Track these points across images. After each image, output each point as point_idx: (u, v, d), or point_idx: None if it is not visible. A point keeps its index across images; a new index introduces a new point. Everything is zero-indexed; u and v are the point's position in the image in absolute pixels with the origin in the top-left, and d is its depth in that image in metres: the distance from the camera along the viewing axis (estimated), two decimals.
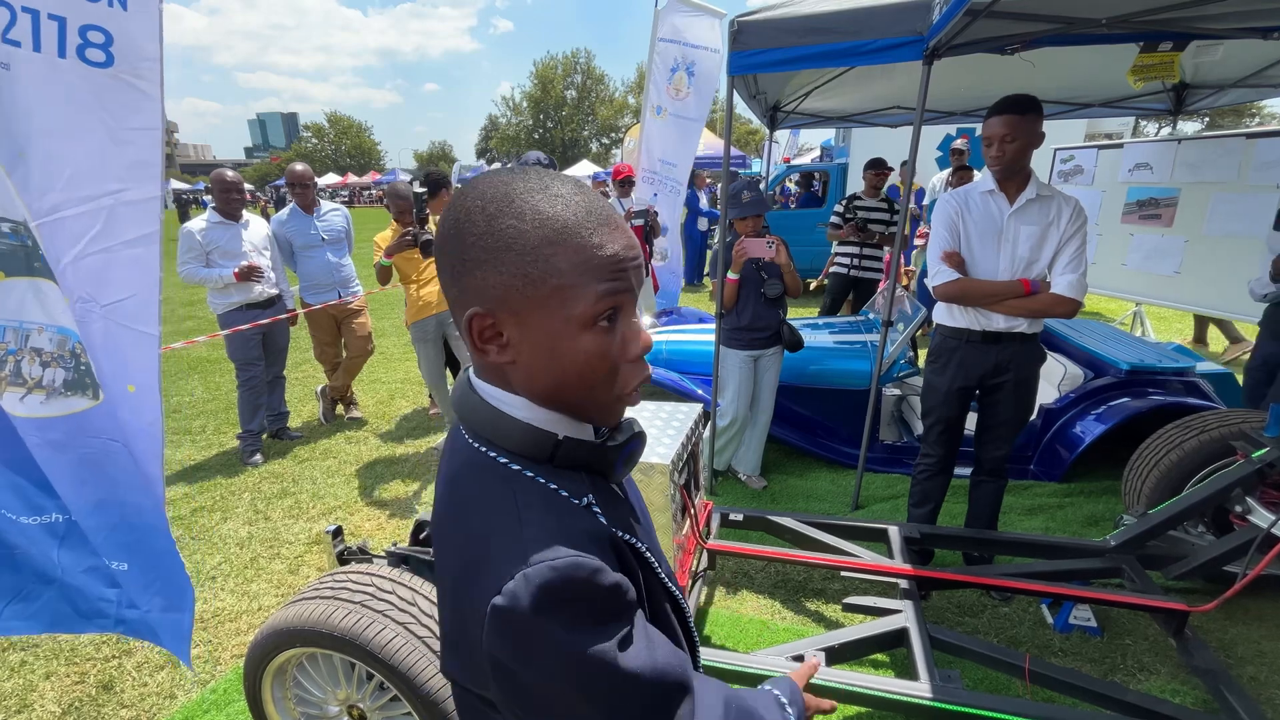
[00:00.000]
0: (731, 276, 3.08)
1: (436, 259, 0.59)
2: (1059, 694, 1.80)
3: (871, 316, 4.29)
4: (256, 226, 3.80)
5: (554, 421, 0.60)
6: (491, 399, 0.60)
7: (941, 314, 2.45)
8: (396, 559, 1.80)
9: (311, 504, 3.38)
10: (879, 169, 5.17)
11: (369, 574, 1.62)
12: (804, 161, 14.80)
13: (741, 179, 4.27)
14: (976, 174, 5.41)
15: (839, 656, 1.85)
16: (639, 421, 0.68)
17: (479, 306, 0.55)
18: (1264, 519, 1.97)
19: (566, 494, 0.58)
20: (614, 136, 51.84)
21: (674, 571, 0.81)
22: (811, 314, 5.21)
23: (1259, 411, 2.43)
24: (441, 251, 0.57)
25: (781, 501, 3.32)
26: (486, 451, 0.59)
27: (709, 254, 9.81)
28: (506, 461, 0.58)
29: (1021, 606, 2.46)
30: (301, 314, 4.17)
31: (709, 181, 14.91)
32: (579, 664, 0.51)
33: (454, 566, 0.58)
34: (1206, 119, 18.42)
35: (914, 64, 2.44)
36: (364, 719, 1.63)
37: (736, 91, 3.44)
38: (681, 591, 0.75)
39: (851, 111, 4.74)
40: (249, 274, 3.63)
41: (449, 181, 3.83)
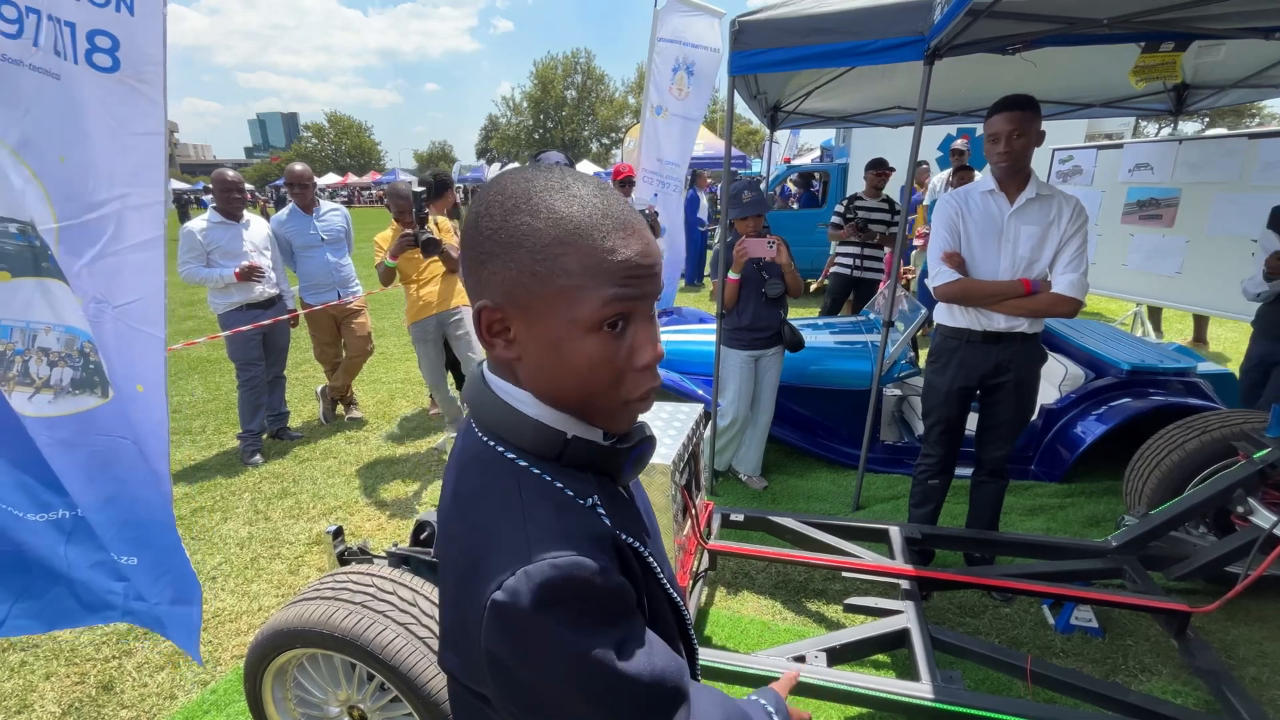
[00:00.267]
0: (732, 276, 3.08)
1: (461, 249, 0.59)
2: (1061, 695, 1.80)
3: (872, 317, 4.29)
4: (257, 226, 3.80)
5: (563, 420, 0.59)
6: (503, 393, 0.60)
7: (942, 314, 2.44)
8: (397, 559, 1.80)
9: (312, 504, 3.37)
10: (880, 169, 5.17)
11: (370, 574, 1.61)
12: (804, 162, 14.80)
13: (742, 179, 4.27)
14: (977, 174, 5.41)
15: (840, 657, 1.85)
16: (649, 425, 0.68)
17: (489, 300, 0.55)
18: (1266, 520, 1.96)
19: (572, 494, 0.58)
20: (614, 136, 51.85)
21: (675, 573, 0.81)
22: (812, 314, 5.20)
23: (1260, 412, 2.42)
24: (463, 244, 0.58)
25: (782, 502, 3.32)
26: (495, 446, 0.59)
27: (709, 254, 9.82)
28: (514, 457, 0.58)
29: (1023, 607, 2.46)
30: (301, 314, 4.17)
31: (710, 182, 14.92)
32: (577, 664, 0.51)
33: (456, 559, 0.58)
34: (1206, 119, 18.43)
35: (915, 64, 2.44)
36: (364, 719, 1.62)
37: (737, 91, 3.43)
38: (683, 597, 0.74)
39: (852, 112, 4.74)
40: (249, 274, 3.63)
41: (451, 182, 3.83)
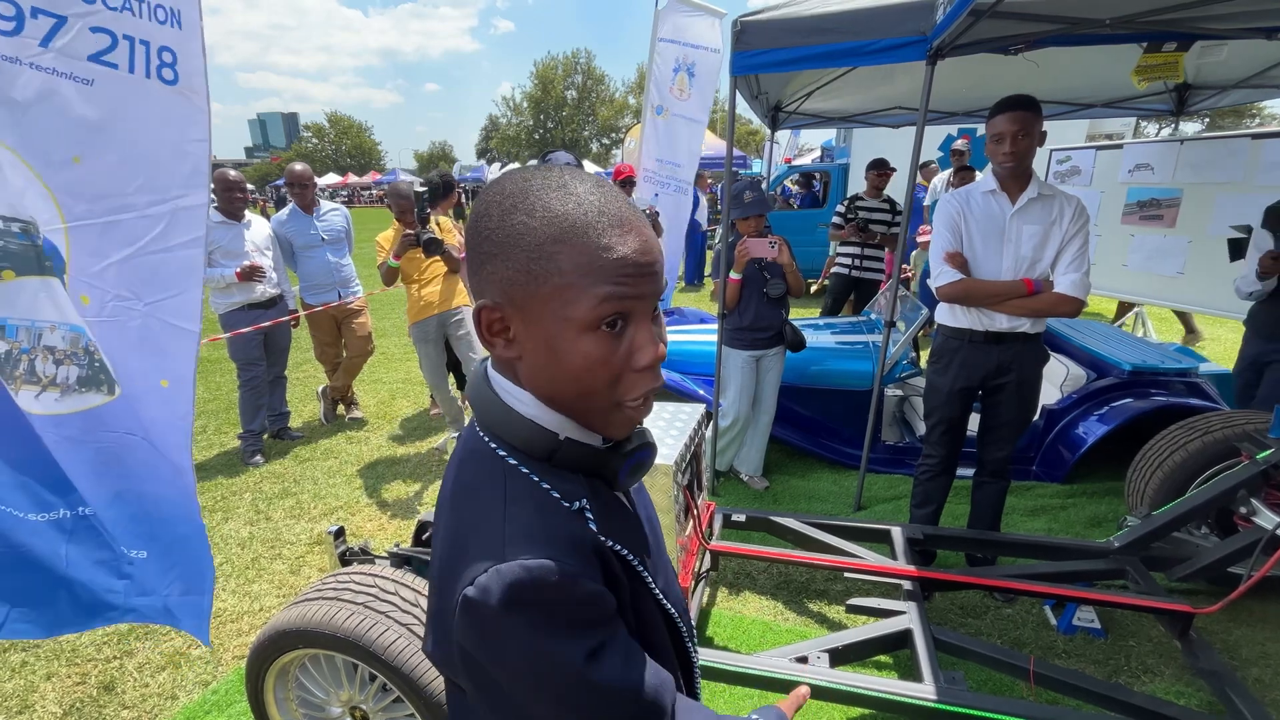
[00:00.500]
0: (734, 276, 3.07)
1: (465, 249, 0.59)
2: (1063, 696, 1.80)
3: (873, 317, 4.29)
4: (258, 226, 3.80)
5: (560, 421, 0.59)
6: (501, 392, 0.60)
7: (944, 314, 2.44)
8: (399, 560, 1.80)
9: (313, 504, 3.37)
10: (881, 170, 5.17)
11: (372, 575, 1.61)
12: (804, 162, 14.80)
13: (743, 179, 4.26)
14: (978, 174, 5.41)
15: (843, 658, 1.85)
16: (650, 431, 0.66)
17: (489, 299, 0.56)
18: (1269, 520, 1.96)
19: (559, 495, 0.57)
20: (614, 137, 51.87)
21: (679, 578, 0.79)
22: (813, 315, 5.20)
23: (1263, 412, 2.42)
24: (467, 245, 0.58)
25: (783, 502, 3.32)
26: (490, 443, 0.60)
27: (709, 254, 9.82)
28: (506, 455, 0.58)
29: (1025, 608, 2.45)
30: (302, 315, 4.17)
31: (710, 182, 14.91)
32: (542, 667, 0.51)
33: (442, 550, 0.59)
34: (1207, 119, 18.43)
35: (916, 64, 2.44)
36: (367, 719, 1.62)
37: (738, 92, 3.43)
38: (683, 608, 0.71)
39: (853, 112, 4.73)
40: (251, 274, 3.63)
41: (456, 183, 3.83)
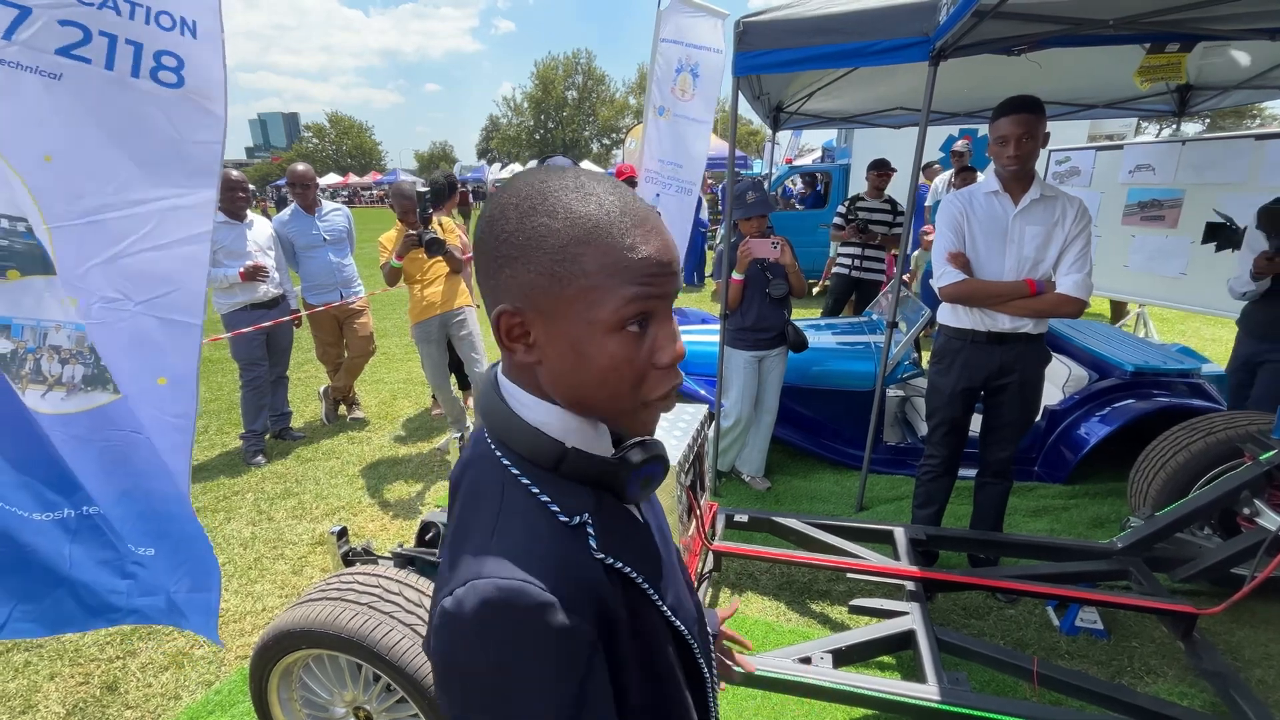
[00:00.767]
0: (736, 277, 3.08)
1: (474, 255, 0.58)
2: (1067, 696, 1.80)
3: (875, 317, 4.29)
4: (261, 226, 3.80)
5: (570, 430, 0.57)
6: (509, 397, 0.59)
7: (946, 315, 2.44)
8: (403, 560, 1.80)
9: (315, 504, 3.37)
10: (881, 170, 5.16)
11: (375, 575, 1.61)
12: (805, 162, 14.80)
13: (746, 180, 4.26)
14: (980, 175, 5.40)
15: (846, 658, 1.85)
16: (663, 444, 0.63)
17: (508, 304, 0.54)
18: (1272, 521, 1.96)
19: (558, 509, 0.55)
20: (615, 137, 51.91)
21: (690, 600, 0.72)
22: (814, 315, 5.20)
23: (1266, 413, 2.42)
24: (478, 248, 0.56)
25: (785, 503, 3.32)
26: (494, 449, 0.58)
27: (710, 254, 9.82)
28: (509, 464, 0.57)
29: (1027, 608, 2.45)
30: (304, 315, 4.17)
31: (710, 183, 14.90)
32: (494, 691, 0.49)
33: (444, 555, 0.58)
34: (1207, 120, 18.42)
35: (917, 65, 2.44)
36: None
37: (740, 92, 3.44)
38: (692, 621, 0.68)
39: (854, 112, 4.73)
40: (254, 274, 3.63)
41: (457, 183, 3.83)
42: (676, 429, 2.08)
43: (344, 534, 1.95)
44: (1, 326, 1.49)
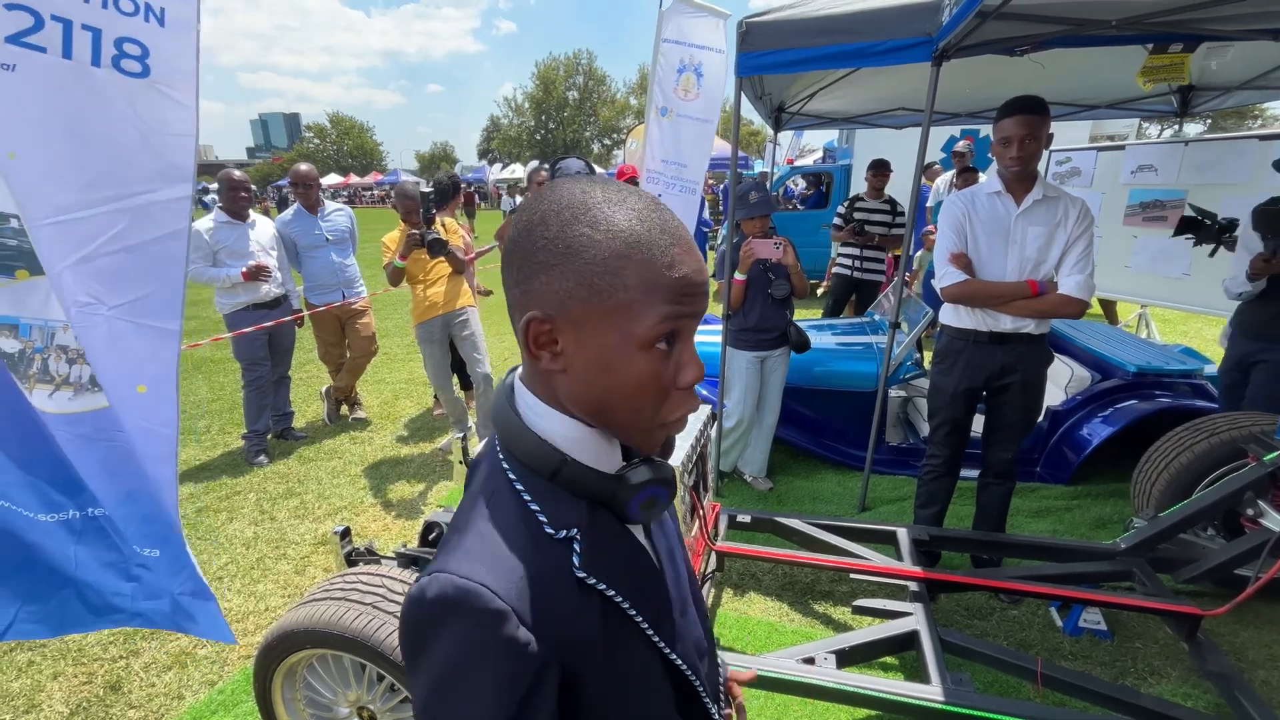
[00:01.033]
0: (739, 277, 3.08)
1: (504, 259, 0.57)
2: (1070, 697, 1.80)
3: (877, 318, 4.29)
4: (263, 226, 3.80)
5: (577, 441, 0.57)
6: (520, 403, 0.59)
7: (948, 315, 2.44)
8: (406, 560, 1.80)
9: (317, 504, 3.37)
10: (879, 170, 5.16)
11: (380, 575, 1.61)
12: (806, 163, 14.81)
13: (748, 180, 4.26)
14: (982, 176, 5.40)
15: (849, 659, 1.85)
16: (671, 467, 0.61)
17: (538, 311, 0.53)
18: (1276, 522, 1.96)
19: (546, 519, 0.55)
20: (616, 137, 51.92)
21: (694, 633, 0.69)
22: (814, 316, 5.20)
23: (1269, 414, 2.42)
24: (509, 252, 0.56)
25: (787, 503, 3.32)
26: (498, 452, 0.59)
27: (712, 255, 9.81)
28: (508, 469, 0.57)
29: (1030, 609, 2.45)
30: (306, 315, 4.18)
31: (711, 183, 14.90)
32: (434, 685, 0.50)
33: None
34: (1209, 121, 18.40)
35: (919, 65, 2.44)
36: None
37: (742, 92, 3.44)
38: (694, 661, 0.65)
39: (856, 113, 4.73)
40: (256, 273, 3.63)
41: (460, 184, 3.83)
42: None
43: (347, 534, 1.95)
44: (9, 326, 1.48)
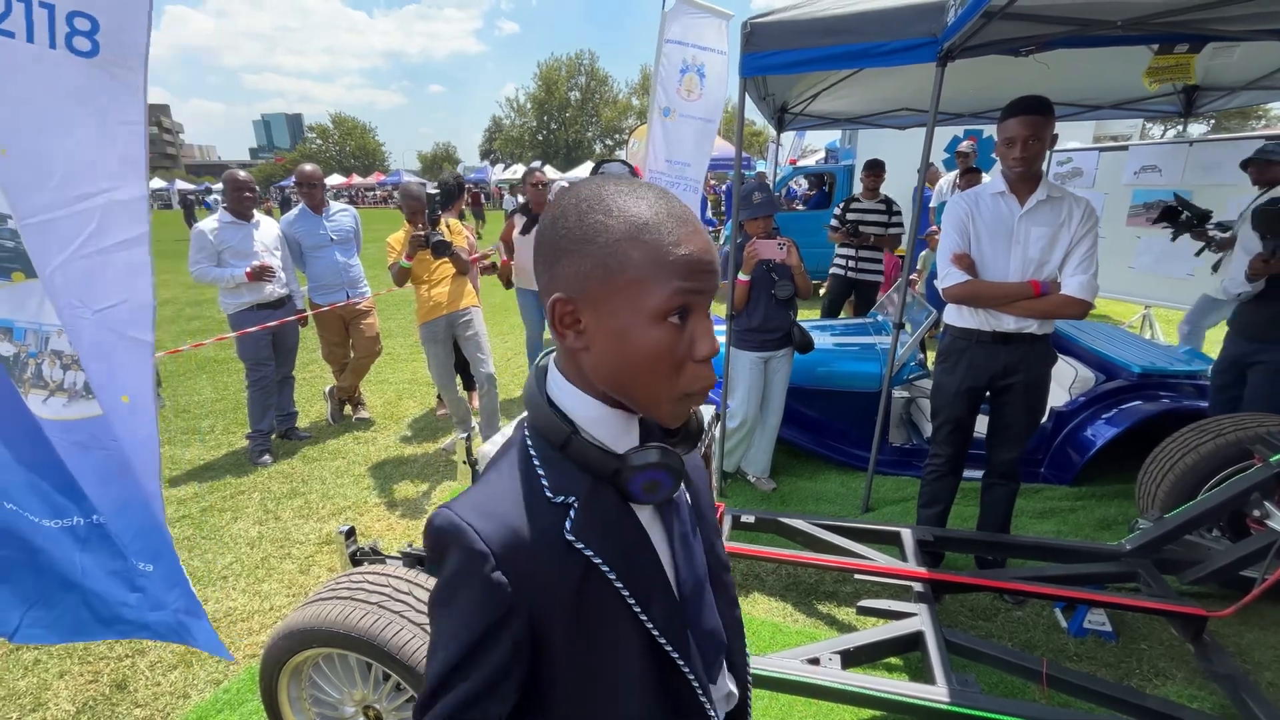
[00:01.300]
0: (743, 278, 3.07)
1: (535, 249, 0.63)
2: (1076, 698, 1.79)
3: (880, 319, 4.28)
4: (267, 226, 3.81)
5: (593, 419, 0.62)
6: (551, 384, 0.65)
7: (951, 314, 2.44)
8: (412, 560, 1.80)
9: (321, 504, 3.38)
10: (874, 170, 5.15)
11: (386, 575, 1.62)
12: (809, 163, 14.80)
13: (751, 180, 4.26)
14: (985, 176, 5.39)
15: (854, 660, 1.85)
16: (679, 455, 0.63)
17: (562, 293, 0.59)
18: None
19: (548, 483, 0.60)
20: (618, 138, 51.87)
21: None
22: (813, 316, 5.19)
23: (1275, 416, 2.41)
24: (539, 243, 0.62)
25: (791, 503, 3.31)
26: (524, 424, 0.66)
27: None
28: (526, 436, 0.64)
29: (1035, 610, 2.45)
30: (310, 315, 4.18)
31: (713, 183, 14.89)
32: (436, 593, 0.60)
33: None
34: (1213, 121, 18.36)
35: (922, 66, 2.44)
36: (380, 719, 1.62)
37: (746, 93, 3.43)
38: (683, 645, 0.66)
39: (859, 113, 4.73)
40: (261, 274, 3.64)
41: (464, 184, 3.84)
42: None
43: (352, 533, 1.95)
44: (4, 329, 1.43)
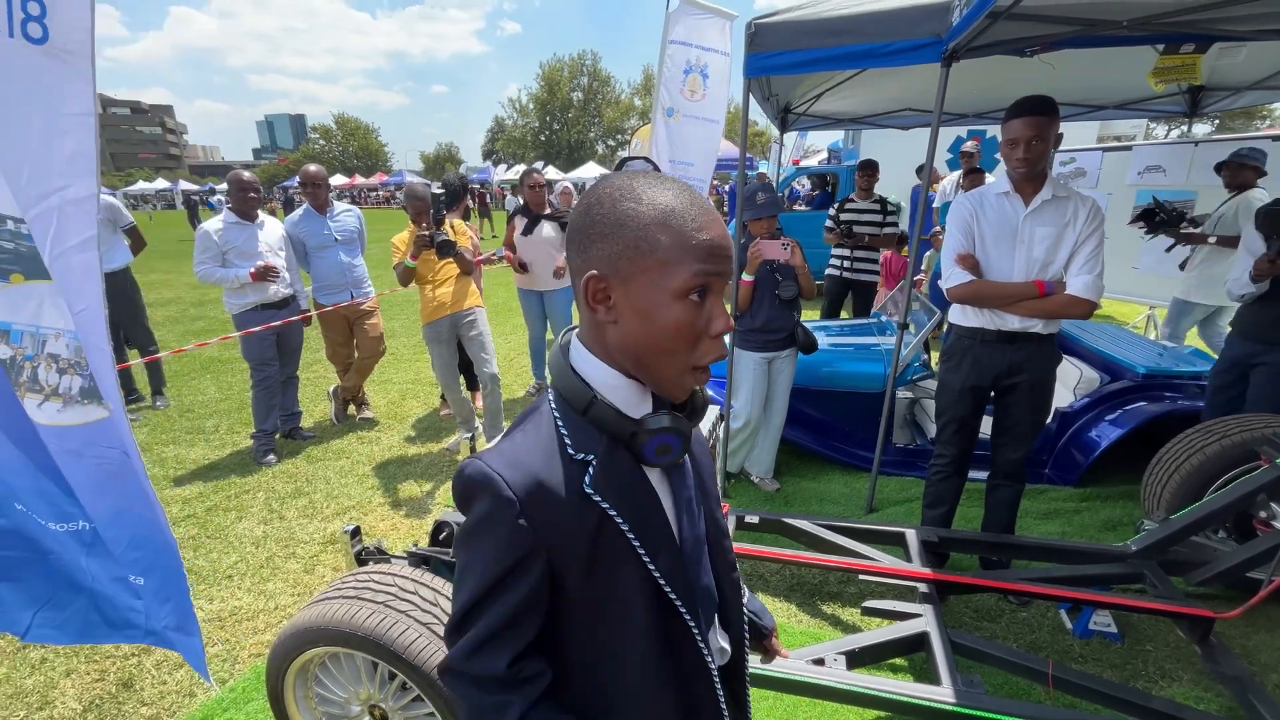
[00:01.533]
0: (746, 278, 3.07)
1: (569, 235, 0.69)
2: (1081, 700, 1.79)
3: (884, 319, 4.28)
4: (272, 227, 3.82)
5: (611, 387, 0.69)
6: (573, 352, 0.72)
7: (956, 313, 2.44)
8: (417, 559, 1.80)
9: (325, 504, 3.39)
10: (868, 170, 5.15)
11: (392, 574, 1.62)
12: (811, 163, 14.78)
13: (755, 181, 4.26)
14: (989, 176, 5.38)
15: (859, 660, 1.85)
16: (687, 422, 0.70)
17: (595, 270, 0.66)
18: None
19: (570, 443, 0.67)
20: (620, 138, 51.87)
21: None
22: (812, 317, 5.19)
23: None
24: (572, 228, 0.69)
25: (794, 504, 3.31)
26: (548, 389, 0.73)
27: None
28: (551, 399, 0.71)
29: (1039, 611, 2.44)
30: (314, 315, 4.19)
31: (715, 183, 14.89)
32: (462, 537, 0.67)
33: None
34: (1217, 121, 18.30)
35: (926, 66, 2.44)
36: (386, 719, 1.63)
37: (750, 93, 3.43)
38: (695, 599, 0.73)
39: (863, 113, 4.73)
40: (265, 274, 3.65)
41: (468, 185, 3.85)
42: None
43: (357, 533, 1.96)
44: (2, 332, 1.41)
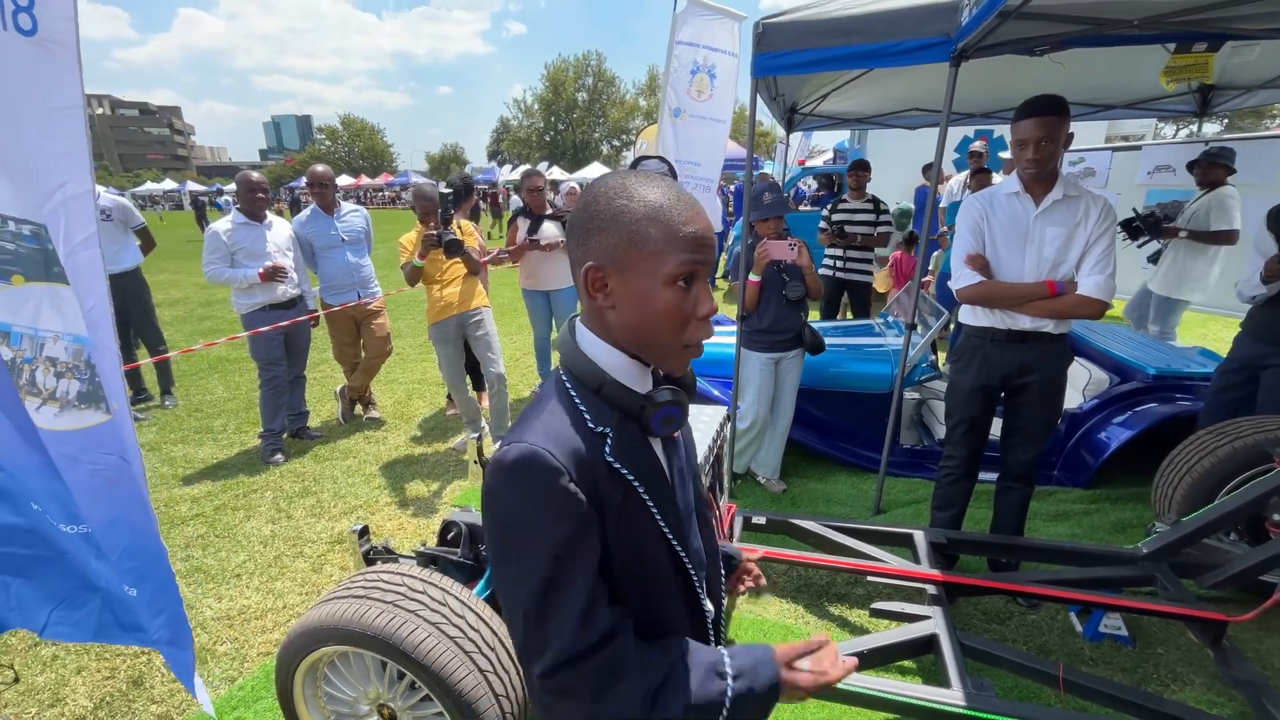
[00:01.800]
0: (753, 279, 3.07)
1: (569, 230, 0.76)
2: (1092, 703, 1.78)
3: (890, 320, 4.26)
4: (280, 227, 3.84)
5: (616, 366, 0.76)
6: (579, 336, 0.78)
7: (965, 313, 2.43)
8: (426, 559, 1.81)
9: (333, 503, 3.40)
10: (858, 170, 5.12)
11: (400, 574, 1.62)
12: (816, 164, 14.75)
13: (760, 181, 4.26)
14: (996, 176, 5.35)
15: (867, 662, 1.84)
16: (685, 394, 0.80)
17: (594, 261, 0.73)
18: None
19: (589, 418, 0.74)
20: (625, 139, 51.88)
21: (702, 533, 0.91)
22: (812, 318, 5.17)
23: None
24: (572, 224, 0.76)
25: (801, 505, 3.30)
26: (561, 372, 0.79)
27: (721, 256, 9.79)
28: (565, 380, 0.78)
29: (1049, 614, 2.43)
30: (322, 315, 4.21)
31: (721, 184, 14.85)
32: (507, 523, 0.70)
33: (505, 438, 0.77)
34: (1226, 120, 18.15)
35: (934, 65, 2.42)
36: (394, 718, 1.63)
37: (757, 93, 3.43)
38: (700, 561, 0.86)
39: (870, 113, 4.71)
40: (273, 274, 3.66)
41: (473, 185, 3.86)
42: (696, 431, 2.08)
43: (365, 532, 1.97)
44: (2, 333, 1.40)
